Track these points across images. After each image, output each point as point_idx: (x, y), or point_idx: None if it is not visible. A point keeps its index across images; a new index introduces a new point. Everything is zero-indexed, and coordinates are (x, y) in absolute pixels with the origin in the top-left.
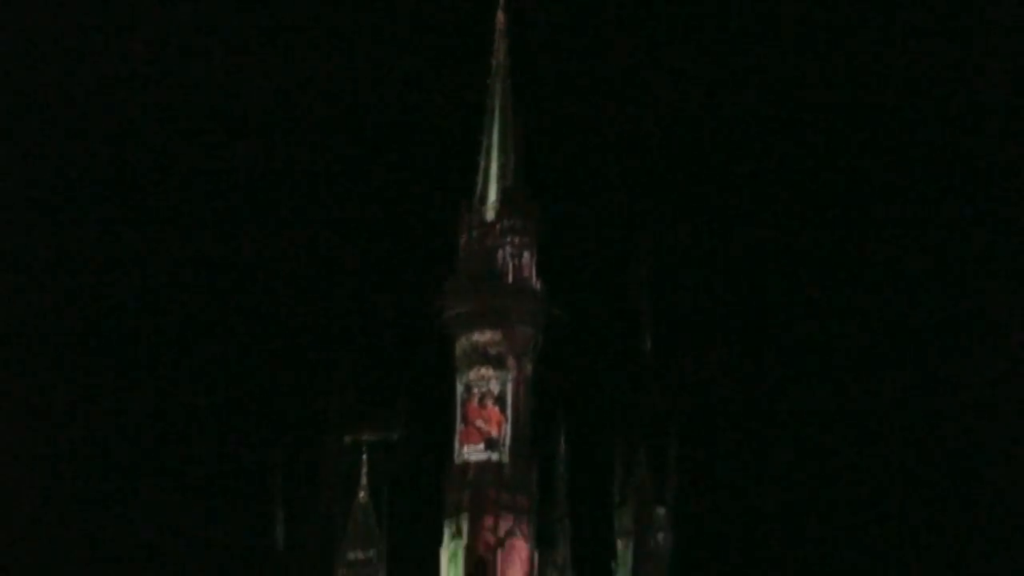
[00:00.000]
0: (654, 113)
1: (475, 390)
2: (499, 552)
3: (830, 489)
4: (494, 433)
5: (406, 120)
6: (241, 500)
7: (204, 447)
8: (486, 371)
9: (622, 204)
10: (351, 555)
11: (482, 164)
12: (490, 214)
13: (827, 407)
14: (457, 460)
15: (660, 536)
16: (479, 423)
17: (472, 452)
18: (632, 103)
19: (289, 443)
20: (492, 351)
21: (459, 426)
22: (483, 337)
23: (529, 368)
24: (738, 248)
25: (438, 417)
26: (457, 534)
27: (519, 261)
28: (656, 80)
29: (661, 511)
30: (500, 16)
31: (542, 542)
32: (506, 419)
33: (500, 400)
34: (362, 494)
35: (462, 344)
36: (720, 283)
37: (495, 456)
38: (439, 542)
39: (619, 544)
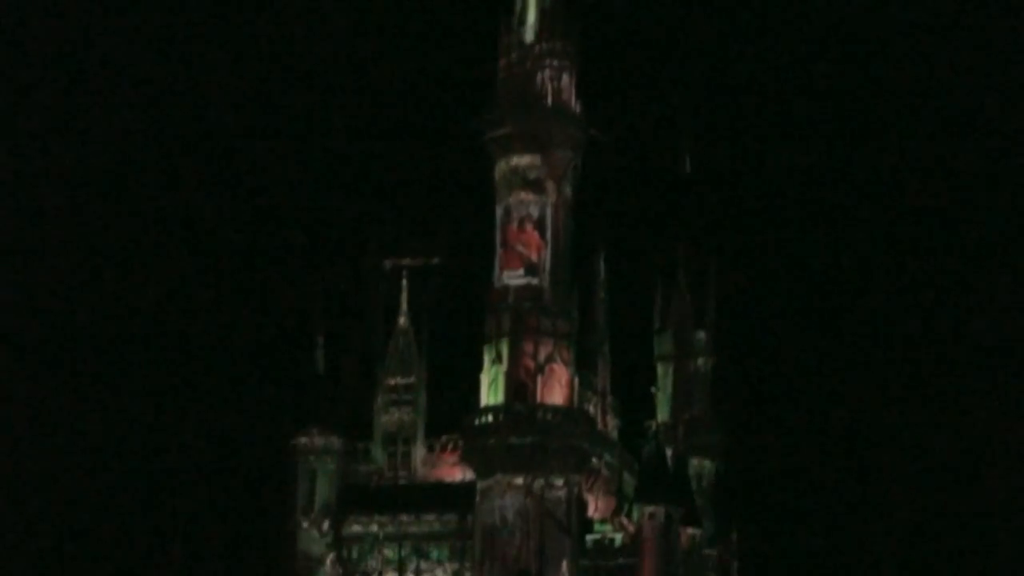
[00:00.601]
0: None
1: (514, 214)
2: (539, 377)
3: (873, 307)
4: (534, 257)
5: None
6: (284, 327)
7: (248, 275)
8: (525, 195)
9: (662, 26)
10: (391, 380)
11: None
12: (529, 36)
13: (869, 226)
14: (497, 285)
15: (700, 360)
16: (519, 247)
17: (512, 277)
18: None
19: (330, 269)
20: (531, 175)
21: (499, 251)
22: (522, 161)
23: (568, 192)
24: (781, 71)
25: (478, 242)
26: (497, 359)
27: (558, 84)
28: None
29: (701, 335)
30: None
31: (582, 367)
32: (545, 243)
33: (539, 224)
34: (402, 320)
35: (501, 168)
36: (762, 102)
37: (535, 281)
38: (479, 367)
39: (659, 368)
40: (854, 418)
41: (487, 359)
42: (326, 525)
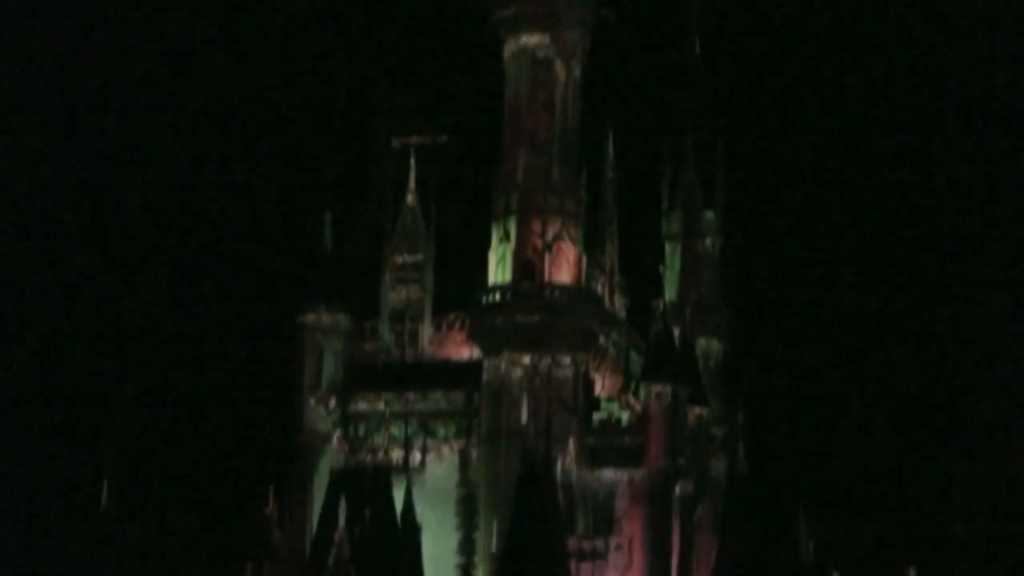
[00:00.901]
0: None
1: (523, 93)
2: (547, 255)
3: (883, 187)
4: (542, 136)
5: None
6: (292, 205)
7: (256, 153)
8: (534, 74)
9: None
10: (399, 258)
11: None
12: None
13: (884, 107)
14: (505, 163)
15: (708, 240)
16: (527, 126)
17: (520, 156)
18: None
19: (338, 147)
20: (541, 54)
21: (507, 129)
22: (532, 40)
23: (577, 72)
24: None
25: (486, 121)
26: (505, 237)
27: None
28: None
29: (710, 215)
30: None
31: (590, 245)
32: (554, 122)
33: (548, 103)
34: (410, 198)
35: (511, 47)
36: None
37: (543, 159)
38: (487, 245)
39: (667, 248)
40: (861, 299)
41: (495, 237)
42: (333, 403)
